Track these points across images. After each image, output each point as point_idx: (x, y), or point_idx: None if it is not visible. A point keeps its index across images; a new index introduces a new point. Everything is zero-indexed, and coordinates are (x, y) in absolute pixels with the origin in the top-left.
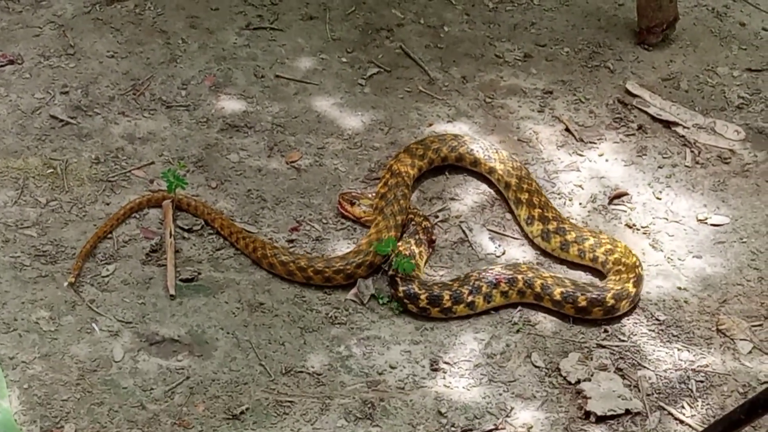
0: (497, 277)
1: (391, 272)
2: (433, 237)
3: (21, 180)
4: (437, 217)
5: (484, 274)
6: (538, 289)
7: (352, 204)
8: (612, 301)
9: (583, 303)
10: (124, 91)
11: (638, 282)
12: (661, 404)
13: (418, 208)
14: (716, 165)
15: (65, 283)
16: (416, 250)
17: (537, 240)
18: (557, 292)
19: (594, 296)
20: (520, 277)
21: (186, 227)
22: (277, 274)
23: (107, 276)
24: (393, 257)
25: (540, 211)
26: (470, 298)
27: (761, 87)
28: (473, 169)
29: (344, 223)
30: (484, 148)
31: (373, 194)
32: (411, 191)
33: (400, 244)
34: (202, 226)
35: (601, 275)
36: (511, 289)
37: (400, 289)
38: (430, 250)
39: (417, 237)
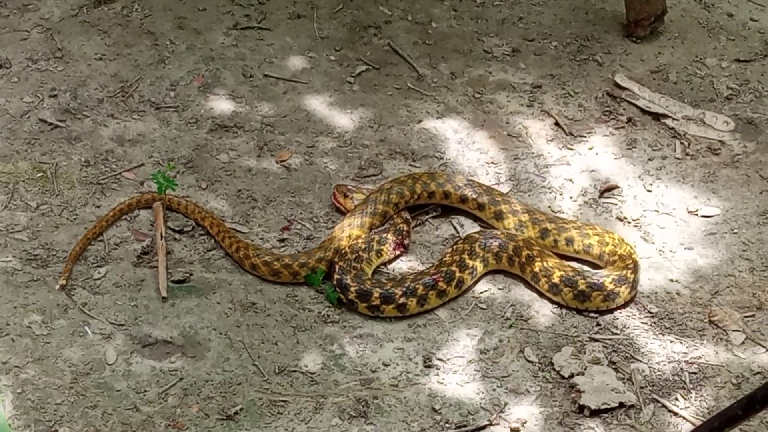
0: (435, 277)
1: (336, 259)
2: (406, 241)
3: (11, 184)
4: (427, 213)
5: (422, 275)
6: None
7: (345, 196)
8: None
9: None
10: (112, 93)
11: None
12: (655, 397)
13: (405, 211)
14: (706, 156)
15: (56, 287)
16: (375, 247)
17: None
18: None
19: None
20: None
21: (177, 228)
22: (261, 275)
23: (99, 279)
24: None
25: None
26: (402, 300)
27: (750, 77)
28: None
29: (335, 221)
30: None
31: (368, 190)
32: (414, 199)
33: (363, 236)
34: (193, 227)
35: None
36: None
37: (335, 276)
38: (396, 252)
39: (383, 236)
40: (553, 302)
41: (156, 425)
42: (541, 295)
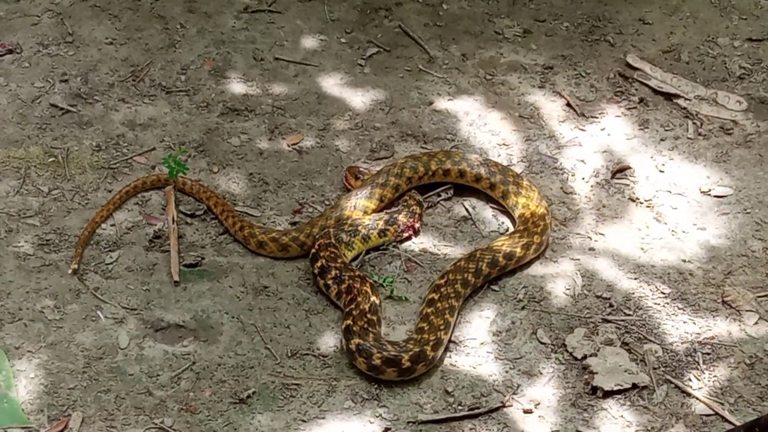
0: (353, 292)
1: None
2: (417, 225)
3: (23, 169)
4: (440, 195)
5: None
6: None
7: (357, 179)
8: None
9: None
10: (123, 77)
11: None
12: (668, 377)
13: (417, 193)
14: (719, 136)
15: (68, 271)
16: (380, 226)
17: None
18: None
19: None
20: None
21: (188, 212)
22: (270, 252)
23: (111, 263)
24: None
25: None
26: (330, 282)
27: (762, 57)
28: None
29: None
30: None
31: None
32: (428, 176)
33: (372, 214)
34: (205, 211)
35: None
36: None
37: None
38: (404, 234)
39: (393, 216)
40: None
41: (169, 409)
42: None
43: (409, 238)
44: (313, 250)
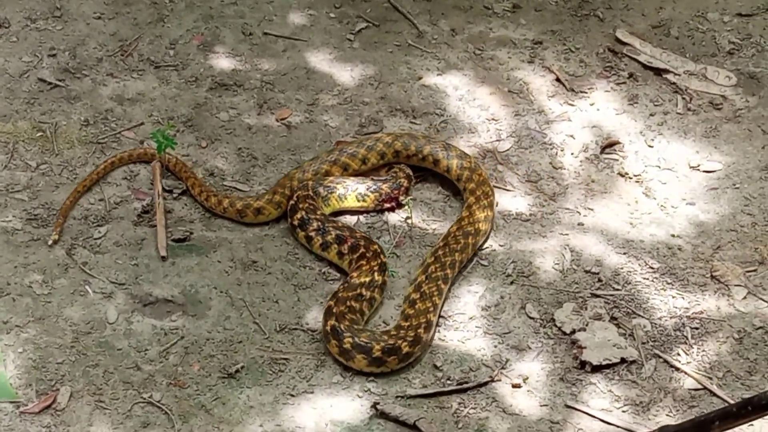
0: (351, 240)
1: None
2: (401, 198)
3: (11, 144)
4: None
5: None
6: None
7: None
8: None
9: None
10: (111, 52)
11: None
12: (657, 352)
13: (407, 167)
14: (708, 111)
15: (49, 242)
16: (360, 189)
17: None
18: None
19: None
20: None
21: (168, 188)
22: (267, 216)
23: (99, 238)
24: None
25: None
26: (312, 234)
27: (752, 32)
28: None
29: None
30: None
31: None
32: (418, 159)
33: (354, 176)
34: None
35: None
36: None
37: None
38: (386, 205)
39: (377, 184)
40: None
41: (157, 383)
42: None
43: (391, 210)
44: (291, 202)
